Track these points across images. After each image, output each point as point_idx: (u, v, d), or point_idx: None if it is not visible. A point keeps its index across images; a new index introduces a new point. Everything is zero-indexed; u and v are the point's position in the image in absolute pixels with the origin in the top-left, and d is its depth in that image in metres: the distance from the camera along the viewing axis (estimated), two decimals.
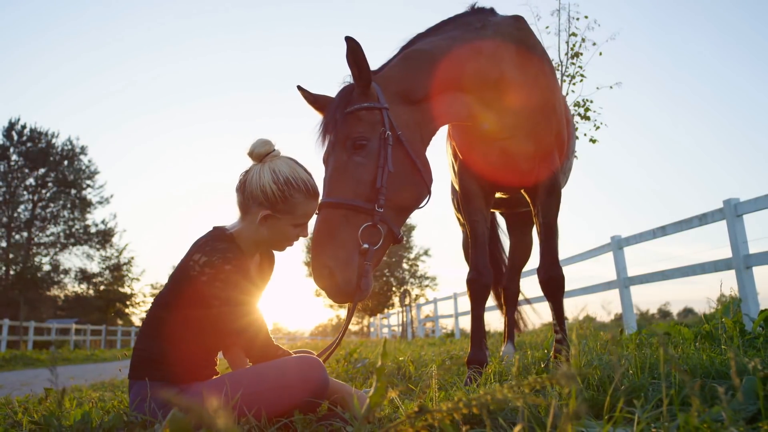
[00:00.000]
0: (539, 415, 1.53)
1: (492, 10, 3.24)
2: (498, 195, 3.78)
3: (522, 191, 3.46)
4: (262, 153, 2.25)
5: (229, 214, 2.34)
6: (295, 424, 2.00)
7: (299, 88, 2.87)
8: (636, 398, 1.93)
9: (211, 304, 2.12)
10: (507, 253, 5.36)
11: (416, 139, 2.73)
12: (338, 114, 2.62)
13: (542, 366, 3.05)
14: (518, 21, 3.24)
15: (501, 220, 5.37)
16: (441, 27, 3.06)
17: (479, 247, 3.35)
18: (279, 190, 2.19)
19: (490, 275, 3.33)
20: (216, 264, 2.09)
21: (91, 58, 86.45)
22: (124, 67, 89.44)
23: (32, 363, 14.76)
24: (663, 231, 7.84)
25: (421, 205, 2.76)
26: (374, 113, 2.61)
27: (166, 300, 2.24)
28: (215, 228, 2.32)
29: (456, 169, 3.53)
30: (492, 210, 4.86)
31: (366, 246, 2.45)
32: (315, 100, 2.83)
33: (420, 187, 2.69)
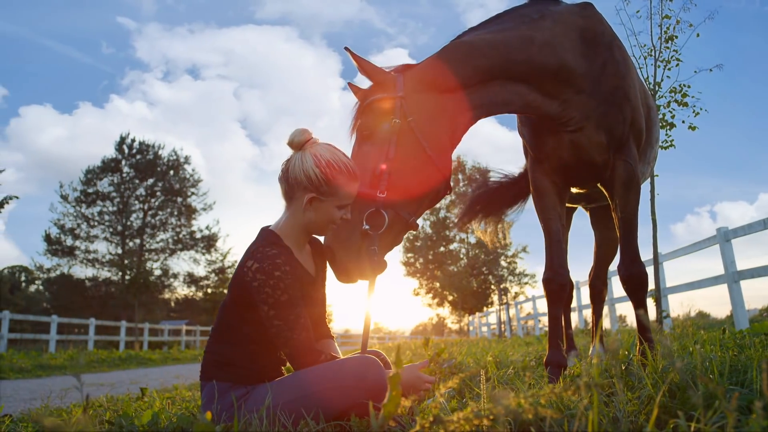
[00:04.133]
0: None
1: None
2: (575, 190, 3.63)
3: (598, 185, 3.30)
4: (302, 141, 2.34)
5: None
6: (351, 425, 2.01)
7: (350, 84, 2.91)
8: (710, 405, 1.79)
9: (260, 309, 2.17)
10: None
11: (441, 127, 2.70)
12: (357, 108, 2.74)
13: (623, 368, 2.90)
14: (584, 9, 3.09)
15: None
16: (493, 20, 2.97)
17: (554, 245, 3.23)
18: (322, 173, 2.27)
19: (566, 274, 3.21)
20: (266, 270, 2.15)
21: (184, 67, 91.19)
22: (216, 71, 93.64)
23: (145, 362, 15.71)
24: None
25: (434, 190, 2.71)
26: (388, 103, 2.66)
27: (228, 305, 2.32)
28: (263, 230, 2.38)
29: (528, 165, 3.42)
30: (573, 205, 4.69)
31: (367, 227, 2.51)
32: (357, 93, 2.90)
33: (427, 173, 2.65)
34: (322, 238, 2.57)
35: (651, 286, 9.15)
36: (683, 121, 9.87)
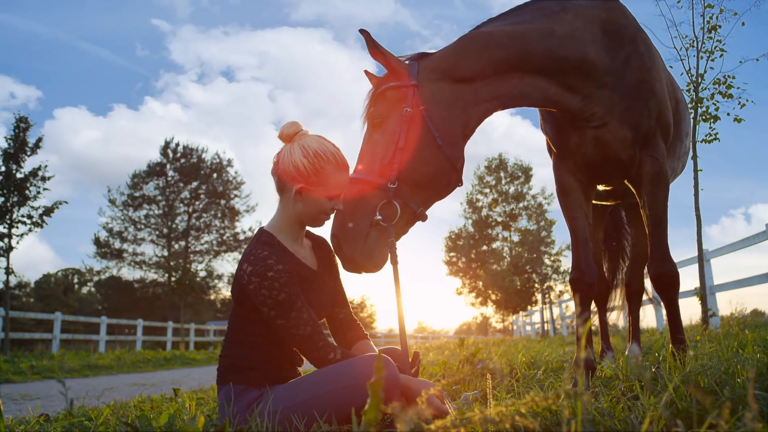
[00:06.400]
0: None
1: None
2: (602, 187, 3.53)
3: (625, 182, 3.21)
4: (291, 133, 2.38)
5: None
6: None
7: (366, 72, 2.90)
8: (734, 410, 1.71)
9: (261, 310, 2.18)
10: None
11: (453, 117, 2.65)
12: (370, 95, 2.72)
13: (652, 370, 2.81)
14: (606, 1, 3.00)
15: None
16: (512, 12, 2.91)
17: (580, 244, 3.15)
18: (309, 163, 2.29)
19: (593, 274, 3.12)
20: (259, 272, 2.17)
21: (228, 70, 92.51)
22: (251, 73, 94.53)
23: (189, 362, 16.03)
24: None
25: (443, 182, 2.66)
26: (401, 91, 2.63)
27: (235, 308, 2.34)
28: (258, 231, 2.40)
29: (552, 163, 3.34)
30: (603, 203, 4.58)
31: (379, 218, 2.48)
32: (372, 80, 2.88)
33: (436, 163, 2.60)
34: (322, 232, 2.58)
35: (696, 284, 8.91)
36: (728, 114, 9.54)
